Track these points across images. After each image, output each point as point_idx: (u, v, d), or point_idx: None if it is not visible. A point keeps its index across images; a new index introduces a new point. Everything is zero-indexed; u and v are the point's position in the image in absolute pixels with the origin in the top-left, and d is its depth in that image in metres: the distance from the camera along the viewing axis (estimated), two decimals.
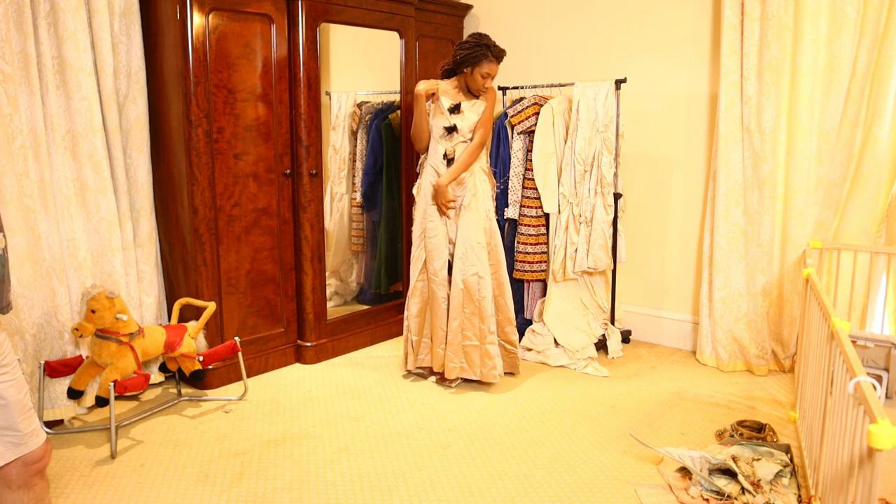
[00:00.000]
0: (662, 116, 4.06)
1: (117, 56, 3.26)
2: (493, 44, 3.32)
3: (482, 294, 3.35)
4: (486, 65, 3.29)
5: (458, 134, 3.37)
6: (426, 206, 3.43)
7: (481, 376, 3.42)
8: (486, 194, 3.45)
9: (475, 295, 3.35)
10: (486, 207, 3.44)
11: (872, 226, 3.44)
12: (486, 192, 3.45)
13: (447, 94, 3.38)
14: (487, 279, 3.36)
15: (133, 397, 3.37)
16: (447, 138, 3.38)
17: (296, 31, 3.56)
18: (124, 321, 2.95)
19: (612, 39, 4.17)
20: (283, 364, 3.79)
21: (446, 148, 3.38)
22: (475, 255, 3.34)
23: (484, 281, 3.35)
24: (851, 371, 1.78)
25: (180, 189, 3.36)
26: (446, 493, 2.51)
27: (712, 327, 3.79)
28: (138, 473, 2.64)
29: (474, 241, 3.35)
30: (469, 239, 3.35)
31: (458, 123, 3.36)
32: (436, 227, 3.40)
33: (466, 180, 3.38)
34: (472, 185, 3.39)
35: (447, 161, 3.38)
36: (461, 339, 3.39)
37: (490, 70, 3.31)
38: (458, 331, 3.39)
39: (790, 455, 2.63)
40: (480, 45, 3.28)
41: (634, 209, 4.19)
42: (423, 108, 3.39)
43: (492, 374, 3.40)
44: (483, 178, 3.46)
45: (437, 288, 3.42)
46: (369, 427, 3.05)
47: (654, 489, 2.51)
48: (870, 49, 3.27)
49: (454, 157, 3.38)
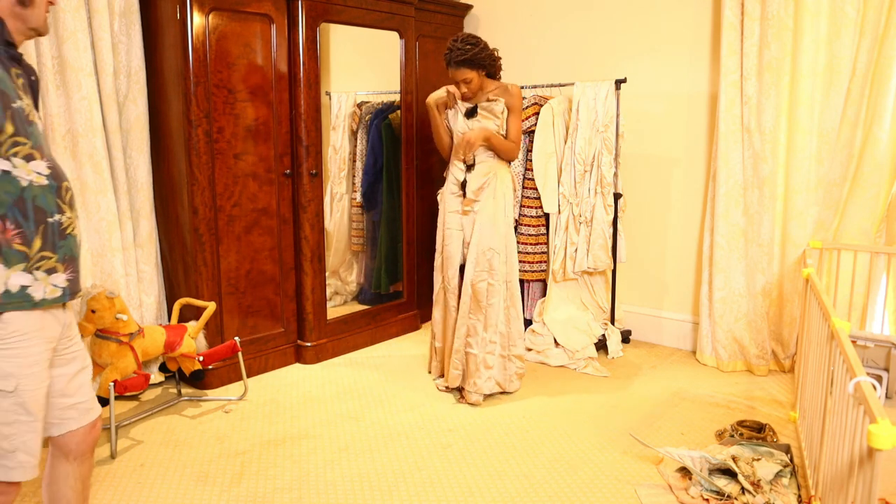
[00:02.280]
0: (662, 116, 4.06)
1: (117, 56, 3.26)
2: (457, 48, 3.10)
3: (489, 301, 3.22)
4: (449, 71, 3.15)
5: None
6: (445, 214, 3.33)
7: (474, 387, 3.26)
8: (507, 199, 3.27)
9: (483, 301, 3.22)
10: (506, 213, 3.27)
11: (872, 226, 3.44)
12: (507, 197, 3.27)
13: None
14: (497, 286, 3.23)
15: (133, 397, 3.37)
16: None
17: (296, 31, 3.56)
18: (124, 321, 2.95)
19: (612, 39, 4.17)
20: (283, 364, 3.79)
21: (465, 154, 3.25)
22: (486, 261, 3.21)
23: (493, 288, 3.22)
24: (851, 371, 1.79)
25: (180, 189, 3.36)
26: (446, 493, 2.51)
27: (712, 327, 3.79)
28: (138, 473, 2.64)
29: (487, 246, 3.21)
30: (482, 244, 3.21)
31: (475, 127, 3.21)
32: (452, 234, 3.29)
33: (487, 184, 3.22)
34: (493, 187, 3.22)
35: (467, 167, 3.25)
36: (464, 345, 3.28)
37: (454, 76, 3.13)
38: (463, 338, 3.27)
39: (790, 455, 2.63)
40: (446, 51, 3.13)
41: (634, 209, 4.19)
42: (435, 118, 3.29)
43: (486, 386, 3.27)
44: (507, 183, 3.29)
45: (449, 296, 3.32)
46: (369, 427, 3.05)
47: (654, 489, 2.51)
48: (870, 49, 3.27)
49: (473, 162, 3.23)
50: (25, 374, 1.60)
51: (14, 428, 1.60)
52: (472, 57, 3.12)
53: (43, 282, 1.61)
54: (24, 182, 1.57)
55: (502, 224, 3.24)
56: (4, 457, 1.61)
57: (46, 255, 1.62)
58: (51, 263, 1.63)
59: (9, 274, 1.56)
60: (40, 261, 1.61)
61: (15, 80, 1.59)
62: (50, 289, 1.63)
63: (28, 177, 1.58)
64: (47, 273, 1.62)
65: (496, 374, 3.30)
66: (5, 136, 1.53)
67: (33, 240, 1.59)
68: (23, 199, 1.57)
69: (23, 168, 1.57)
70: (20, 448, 1.62)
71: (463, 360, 3.28)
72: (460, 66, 3.12)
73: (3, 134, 1.53)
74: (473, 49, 3.12)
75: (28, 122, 1.59)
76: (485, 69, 3.20)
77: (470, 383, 3.27)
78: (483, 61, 3.16)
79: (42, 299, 1.62)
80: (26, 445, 1.63)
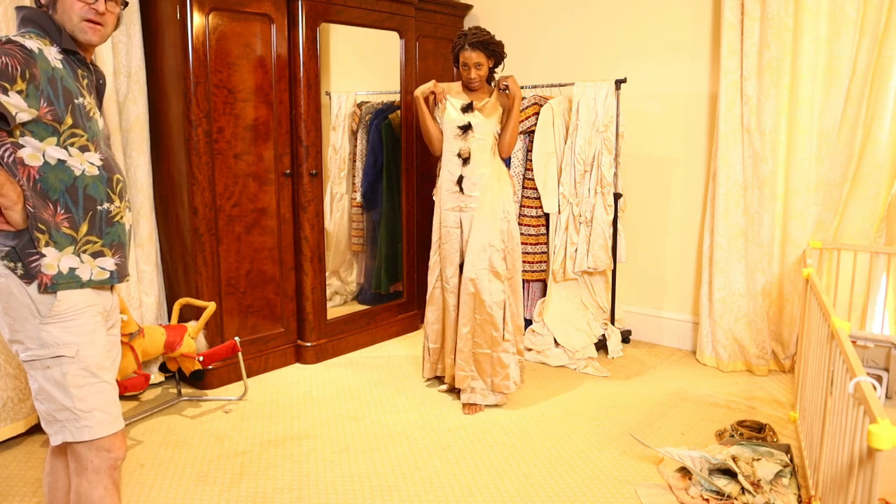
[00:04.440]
0: (662, 116, 4.06)
1: (117, 56, 3.26)
2: (473, 31, 3.12)
3: (494, 299, 3.15)
4: (462, 54, 3.13)
5: (473, 132, 3.17)
6: (441, 212, 3.29)
7: (493, 387, 3.22)
8: (505, 195, 3.21)
9: (487, 300, 3.15)
10: (505, 209, 3.20)
11: (872, 226, 3.44)
12: (505, 193, 3.22)
13: (459, 96, 3.24)
14: (499, 283, 3.17)
15: (133, 397, 3.37)
16: (462, 137, 3.19)
17: (296, 31, 3.56)
18: (124, 321, 2.94)
19: (612, 39, 4.17)
20: (283, 364, 3.79)
21: (461, 147, 3.19)
22: (487, 258, 3.14)
23: (495, 285, 3.16)
24: (851, 371, 1.79)
25: (180, 189, 3.36)
26: (446, 493, 2.51)
27: (712, 327, 3.79)
28: (138, 473, 2.64)
29: (486, 242, 3.15)
30: (481, 240, 3.15)
31: (472, 121, 3.17)
32: (449, 232, 3.26)
33: (484, 179, 3.19)
34: (489, 184, 3.18)
35: (462, 161, 3.20)
36: (472, 346, 3.20)
37: (467, 58, 3.12)
38: (469, 337, 3.19)
39: (790, 455, 2.63)
40: (459, 35, 3.15)
41: (634, 209, 4.19)
42: (424, 111, 3.26)
43: (504, 385, 3.20)
44: (505, 179, 3.25)
45: (448, 296, 3.28)
46: (369, 427, 3.05)
47: (654, 489, 2.51)
48: (870, 49, 3.27)
49: (469, 156, 3.19)
50: (84, 341, 1.73)
51: (84, 391, 1.73)
52: (489, 41, 3.13)
53: (89, 264, 1.75)
54: (77, 171, 1.71)
55: (501, 219, 3.19)
56: (84, 418, 1.73)
57: (92, 240, 1.75)
58: (97, 248, 1.77)
59: (60, 257, 1.70)
60: (86, 244, 1.75)
61: (80, 80, 1.75)
62: (97, 271, 1.77)
63: (81, 166, 1.72)
64: (93, 256, 1.76)
65: (513, 372, 3.23)
66: (65, 126, 1.68)
67: (81, 224, 1.73)
68: (75, 187, 1.71)
69: (77, 158, 1.71)
70: (95, 407, 1.74)
71: (470, 360, 3.21)
72: (476, 47, 3.11)
73: (63, 125, 1.68)
74: (489, 35, 3.15)
75: (88, 118, 1.74)
76: (495, 59, 3.21)
77: (487, 382, 3.22)
78: (496, 49, 3.17)
79: (89, 279, 1.75)
80: (100, 404, 1.75)
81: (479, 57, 3.13)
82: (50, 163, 1.67)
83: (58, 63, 1.68)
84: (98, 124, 1.79)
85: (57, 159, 1.67)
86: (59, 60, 1.69)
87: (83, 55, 1.77)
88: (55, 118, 1.66)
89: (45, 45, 1.68)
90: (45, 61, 1.65)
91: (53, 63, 1.67)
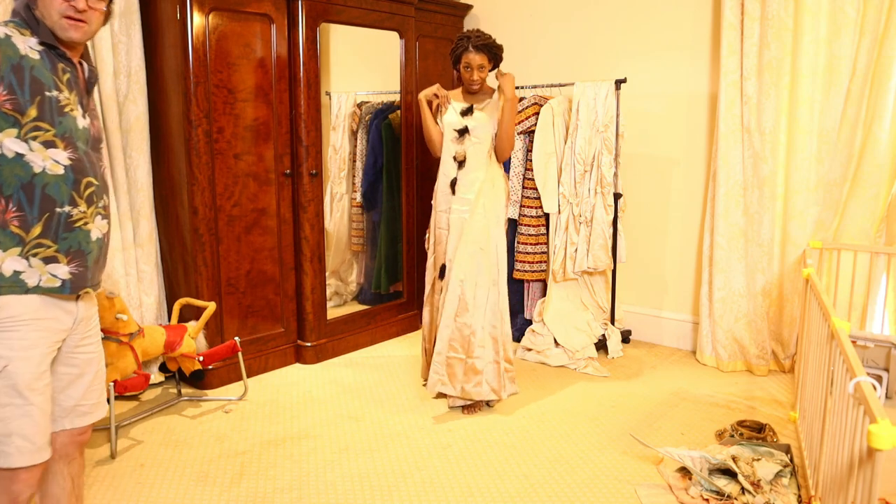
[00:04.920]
0: (662, 116, 4.06)
1: (117, 56, 3.26)
2: (475, 34, 3.12)
3: (476, 303, 3.11)
4: (466, 56, 3.13)
5: (470, 136, 3.18)
6: (436, 213, 3.30)
7: (461, 393, 3.13)
8: (498, 201, 3.19)
9: (469, 303, 3.11)
10: (497, 213, 3.18)
11: (872, 226, 3.44)
12: (498, 199, 3.20)
13: (458, 99, 3.25)
14: (484, 287, 3.12)
15: (133, 397, 3.37)
16: (458, 141, 3.21)
17: (296, 31, 3.56)
18: (124, 321, 2.95)
19: (612, 39, 4.17)
20: (283, 364, 3.79)
21: (457, 150, 3.20)
22: (474, 261, 3.11)
23: (479, 289, 3.12)
24: (851, 371, 1.79)
25: (180, 189, 3.36)
26: (446, 493, 2.51)
27: (712, 327, 3.79)
28: (138, 473, 2.64)
29: (474, 244, 3.12)
30: (469, 243, 3.12)
31: (469, 125, 3.17)
32: (442, 234, 3.26)
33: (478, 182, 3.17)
34: (483, 189, 3.16)
35: (458, 164, 3.20)
36: (447, 349, 3.13)
37: (470, 60, 3.11)
38: (446, 341, 3.13)
39: (790, 455, 2.63)
40: (461, 38, 3.15)
41: (634, 209, 4.19)
42: (426, 114, 3.27)
43: (476, 391, 3.12)
44: (500, 185, 3.23)
45: (437, 297, 3.28)
46: (369, 427, 3.05)
47: (654, 489, 2.51)
48: (870, 49, 3.27)
49: (464, 159, 3.19)
50: (18, 356, 1.59)
51: (7, 411, 1.59)
52: (492, 44, 3.15)
53: (38, 269, 1.62)
54: (36, 168, 1.59)
55: (493, 223, 3.16)
56: (2, 441, 1.60)
57: (45, 244, 1.62)
58: (49, 252, 1.63)
59: (4, 258, 1.58)
60: (37, 248, 1.61)
61: (59, 74, 1.64)
62: (47, 277, 1.63)
63: (42, 163, 1.60)
64: (44, 261, 1.63)
65: (490, 378, 3.16)
66: (28, 118, 1.57)
67: (33, 226, 1.61)
68: (32, 185, 1.59)
69: (39, 153, 1.59)
70: (15, 432, 1.60)
71: (443, 364, 3.14)
72: (480, 50, 3.12)
73: (25, 117, 1.57)
74: (491, 38, 3.17)
75: (60, 113, 1.63)
76: (495, 62, 3.22)
77: (457, 388, 3.14)
78: (497, 52, 3.19)
79: (37, 286, 1.62)
80: (22, 430, 1.60)
81: (483, 59, 3.14)
82: (7, 155, 1.56)
83: (32, 53, 1.59)
84: (77, 122, 1.68)
85: (15, 152, 1.56)
86: (38, 51, 1.60)
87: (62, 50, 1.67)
88: (15, 108, 1.55)
89: (23, 35, 1.59)
90: (11, 48, 1.56)
91: (24, 51, 1.58)
